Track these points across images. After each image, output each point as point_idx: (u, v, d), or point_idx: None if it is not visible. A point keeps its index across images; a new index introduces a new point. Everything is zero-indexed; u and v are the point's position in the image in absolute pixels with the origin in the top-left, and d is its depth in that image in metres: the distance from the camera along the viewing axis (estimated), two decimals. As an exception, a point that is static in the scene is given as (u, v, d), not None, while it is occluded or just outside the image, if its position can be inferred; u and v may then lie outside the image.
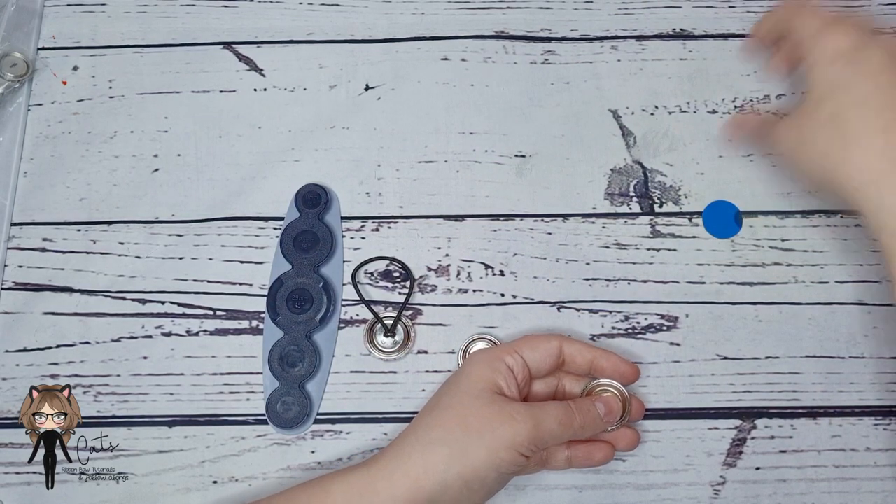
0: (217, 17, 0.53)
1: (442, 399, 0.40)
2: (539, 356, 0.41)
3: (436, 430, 0.38)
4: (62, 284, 0.47)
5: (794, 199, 0.49)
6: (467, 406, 0.39)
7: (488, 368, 0.40)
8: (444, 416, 0.39)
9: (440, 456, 0.37)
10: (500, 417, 0.38)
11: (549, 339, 0.42)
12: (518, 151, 0.50)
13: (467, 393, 0.39)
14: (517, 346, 0.42)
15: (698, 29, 0.53)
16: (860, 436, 0.44)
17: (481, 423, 0.38)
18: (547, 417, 0.38)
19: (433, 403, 0.40)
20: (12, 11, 0.53)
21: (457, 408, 0.39)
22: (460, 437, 0.38)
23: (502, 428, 0.37)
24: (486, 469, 0.37)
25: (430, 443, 0.38)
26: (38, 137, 0.51)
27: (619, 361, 0.42)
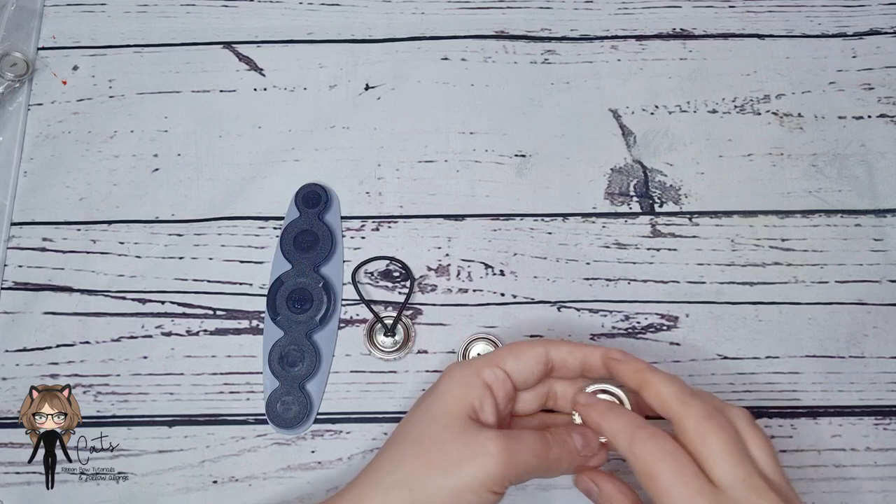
0: (217, 16, 0.53)
1: (409, 429, 0.36)
2: (524, 367, 0.37)
3: (398, 469, 0.35)
4: (62, 284, 0.47)
5: (794, 198, 0.49)
6: (434, 438, 0.35)
7: (462, 388, 0.36)
8: (408, 452, 0.35)
9: (400, 497, 0.34)
10: (469, 452, 0.34)
11: (534, 346, 0.38)
12: (518, 151, 0.50)
13: (436, 420, 0.35)
14: (498, 357, 0.37)
15: (698, 29, 0.53)
16: (860, 435, 0.44)
17: (447, 460, 0.34)
18: (522, 449, 0.35)
19: (400, 434, 0.37)
20: (12, 11, 0.53)
21: (423, 441, 0.35)
22: (423, 478, 0.34)
23: (471, 465, 0.34)
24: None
25: (391, 486, 0.34)
26: (38, 137, 0.51)
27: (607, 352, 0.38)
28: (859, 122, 0.50)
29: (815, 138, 0.50)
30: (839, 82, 0.51)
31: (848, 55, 0.52)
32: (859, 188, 0.49)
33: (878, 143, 0.50)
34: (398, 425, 0.38)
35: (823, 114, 0.50)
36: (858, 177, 0.49)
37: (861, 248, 0.48)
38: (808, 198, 0.49)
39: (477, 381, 0.36)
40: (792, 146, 0.50)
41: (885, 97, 0.51)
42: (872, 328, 0.46)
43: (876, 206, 0.48)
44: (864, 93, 0.51)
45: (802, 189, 0.49)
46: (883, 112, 0.50)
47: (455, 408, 0.35)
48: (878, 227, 0.48)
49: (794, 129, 0.50)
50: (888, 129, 0.50)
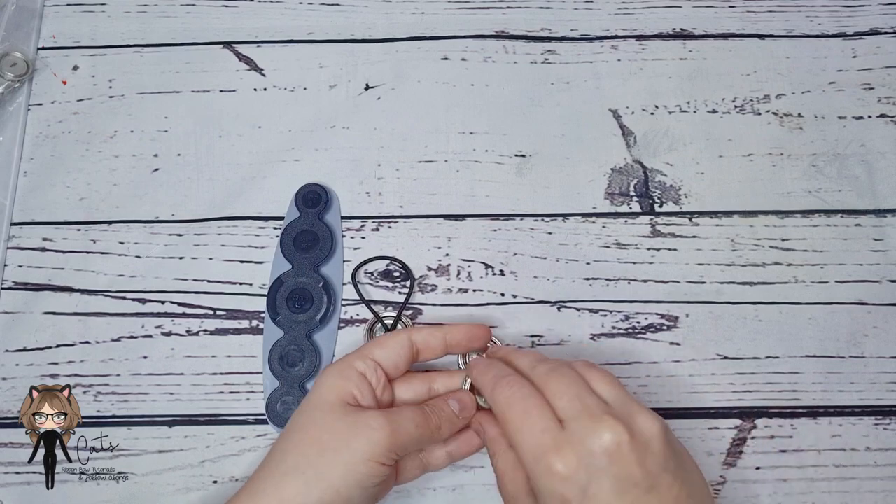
0: (217, 16, 0.53)
1: (295, 420, 0.38)
2: (390, 353, 0.40)
3: (289, 456, 0.36)
4: (62, 284, 0.47)
5: (794, 198, 0.49)
6: (319, 424, 0.37)
7: (338, 378, 0.38)
8: (297, 440, 0.37)
9: (295, 486, 0.35)
10: (354, 430, 0.36)
11: (398, 334, 0.41)
12: (518, 151, 0.50)
13: (318, 408, 0.38)
14: (366, 349, 0.40)
15: (698, 29, 0.53)
16: (860, 435, 0.44)
17: (336, 439, 0.36)
18: (403, 421, 0.37)
19: (288, 426, 0.38)
20: (12, 11, 0.53)
21: (309, 428, 0.37)
22: (315, 460, 0.36)
23: (357, 440, 0.36)
24: (347, 488, 0.35)
25: (284, 473, 0.36)
26: (38, 137, 0.51)
27: (468, 329, 0.41)
28: (859, 122, 0.50)
29: (815, 138, 0.50)
30: (839, 82, 0.51)
31: (848, 55, 0.52)
32: (859, 188, 0.49)
33: (878, 143, 0.50)
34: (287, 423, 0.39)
35: (823, 114, 0.50)
36: (858, 177, 0.49)
37: (861, 248, 0.48)
38: (808, 198, 0.49)
39: (351, 372, 0.39)
40: (792, 146, 0.50)
41: (885, 97, 0.51)
42: (872, 328, 0.46)
43: (876, 206, 0.48)
44: (864, 93, 0.51)
45: (802, 189, 0.49)
46: (883, 112, 0.50)
47: (335, 396, 0.38)
48: (878, 227, 0.48)
49: (794, 129, 0.50)
50: (888, 129, 0.50)
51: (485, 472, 0.44)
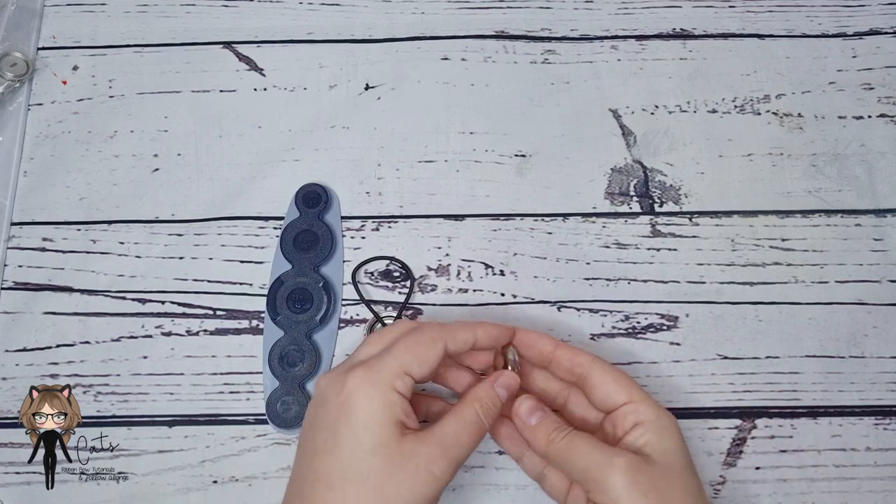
0: (217, 16, 0.53)
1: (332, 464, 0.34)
2: (425, 369, 0.36)
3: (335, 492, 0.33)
4: (62, 284, 0.47)
5: (794, 198, 0.49)
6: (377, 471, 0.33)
7: (382, 406, 0.34)
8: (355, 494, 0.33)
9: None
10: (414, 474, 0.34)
11: (434, 345, 0.37)
12: (518, 151, 0.50)
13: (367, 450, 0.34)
14: (402, 363, 0.36)
15: (698, 29, 0.53)
16: (860, 435, 0.44)
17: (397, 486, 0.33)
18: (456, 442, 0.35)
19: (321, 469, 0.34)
20: (12, 11, 0.53)
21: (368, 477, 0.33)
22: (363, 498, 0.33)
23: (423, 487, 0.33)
24: None
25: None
26: (38, 137, 0.51)
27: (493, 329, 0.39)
28: (859, 121, 0.50)
29: (815, 138, 0.50)
30: (839, 82, 0.51)
31: (848, 55, 0.52)
32: (859, 188, 0.49)
33: (878, 142, 0.50)
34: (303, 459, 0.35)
35: (823, 114, 0.50)
36: (858, 177, 0.49)
37: (861, 248, 0.48)
38: (808, 198, 0.49)
39: (395, 397, 0.35)
40: (792, 146, 0.50)
41: (885, 97, 0.51)
42: (872, 328, 0.46)
43: (876, 206, 0.48)
44: (864, 93, 0.51)
45: (802, 189, 0.49)
46: (883, 112, 0.50)
47: (381, 429, 0.34)
48: (878, 226, 0.48)
49: (794, 129, 0.50)
50: (888, 129, 0.50)
51: (485, 472, 0.44)
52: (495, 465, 0.44)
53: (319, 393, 0.37)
